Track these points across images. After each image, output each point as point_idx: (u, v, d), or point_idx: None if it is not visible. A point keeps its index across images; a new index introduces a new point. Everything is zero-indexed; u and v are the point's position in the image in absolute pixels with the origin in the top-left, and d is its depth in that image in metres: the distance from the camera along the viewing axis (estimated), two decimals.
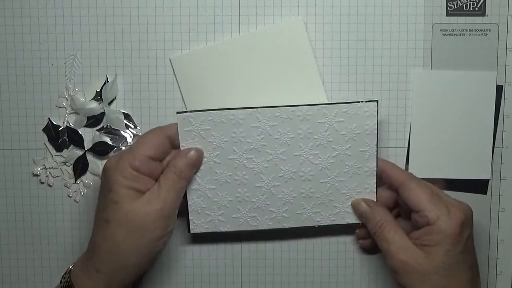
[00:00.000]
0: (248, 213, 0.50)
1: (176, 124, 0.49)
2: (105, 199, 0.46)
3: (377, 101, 0.48)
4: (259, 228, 0.51)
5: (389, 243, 0.47)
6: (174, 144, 0.49)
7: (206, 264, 0.56)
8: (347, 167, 0.49)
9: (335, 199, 0.50)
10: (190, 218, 0.51)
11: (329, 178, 0.50)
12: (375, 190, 0.50)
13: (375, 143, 0.49)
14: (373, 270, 0.55)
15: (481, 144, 0.54)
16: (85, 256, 0.48)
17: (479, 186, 0.54)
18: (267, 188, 0.50)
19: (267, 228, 0.51)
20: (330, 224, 0.51)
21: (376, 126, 0.49)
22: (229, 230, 0.51)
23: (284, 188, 0.50)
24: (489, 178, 0.54)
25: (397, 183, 0.49)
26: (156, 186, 0.46)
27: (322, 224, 0.51)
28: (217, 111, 0.48)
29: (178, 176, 0.47)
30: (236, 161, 0.49)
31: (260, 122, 0.48)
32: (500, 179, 0.55)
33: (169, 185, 0.46)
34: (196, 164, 0.49)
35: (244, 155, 0.49)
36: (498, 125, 0.54)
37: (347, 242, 0.55)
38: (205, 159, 0.49)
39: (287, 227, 0.51)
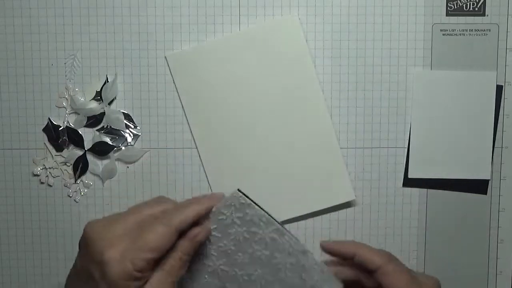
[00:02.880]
0: None
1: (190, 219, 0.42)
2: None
3: None
4: None
5: None
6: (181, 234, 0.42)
7: None
8: None
9: None
10: None
11: None
12: None
13: None
14: None
15: (481, 144, 0.54)
16: None
17: (479, 186, 0.54)
18: None
19: None
20: None
21: None
22: None
23: None
24: (489, 178, 0.54)
25: (373, 266, 0.46)
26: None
27: None
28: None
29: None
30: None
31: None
32: (500, 179, 0.55)
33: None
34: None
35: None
36: (498, 125, 0.54)
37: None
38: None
39: None
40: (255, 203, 0.44)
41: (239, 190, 0.43)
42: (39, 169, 0.55)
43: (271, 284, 0.45)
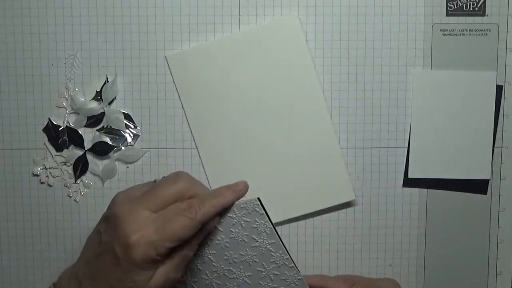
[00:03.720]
0: None
1: (215, 218, 0.45)
2: (119, 266, 0.42)
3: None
4: None
5: None
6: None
7: None
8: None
9: None
10: None
11: None
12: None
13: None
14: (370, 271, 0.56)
15: (481, 144, 0.54)
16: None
17: (479, 186, 0.54)
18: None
19: None
20: None
21: None
22: None
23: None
24: (489, 178, 0.54)
25: None
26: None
27: None
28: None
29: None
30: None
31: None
32: (500, 179, 0.55)
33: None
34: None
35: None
36: (498, 125, 0.54)
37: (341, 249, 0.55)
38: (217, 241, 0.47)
39: None
40: (268, 215, 0.45)
41: (258, 199, 0.45)
42: (39, 169, 0.55)
43: (248, 287, 0.46)
